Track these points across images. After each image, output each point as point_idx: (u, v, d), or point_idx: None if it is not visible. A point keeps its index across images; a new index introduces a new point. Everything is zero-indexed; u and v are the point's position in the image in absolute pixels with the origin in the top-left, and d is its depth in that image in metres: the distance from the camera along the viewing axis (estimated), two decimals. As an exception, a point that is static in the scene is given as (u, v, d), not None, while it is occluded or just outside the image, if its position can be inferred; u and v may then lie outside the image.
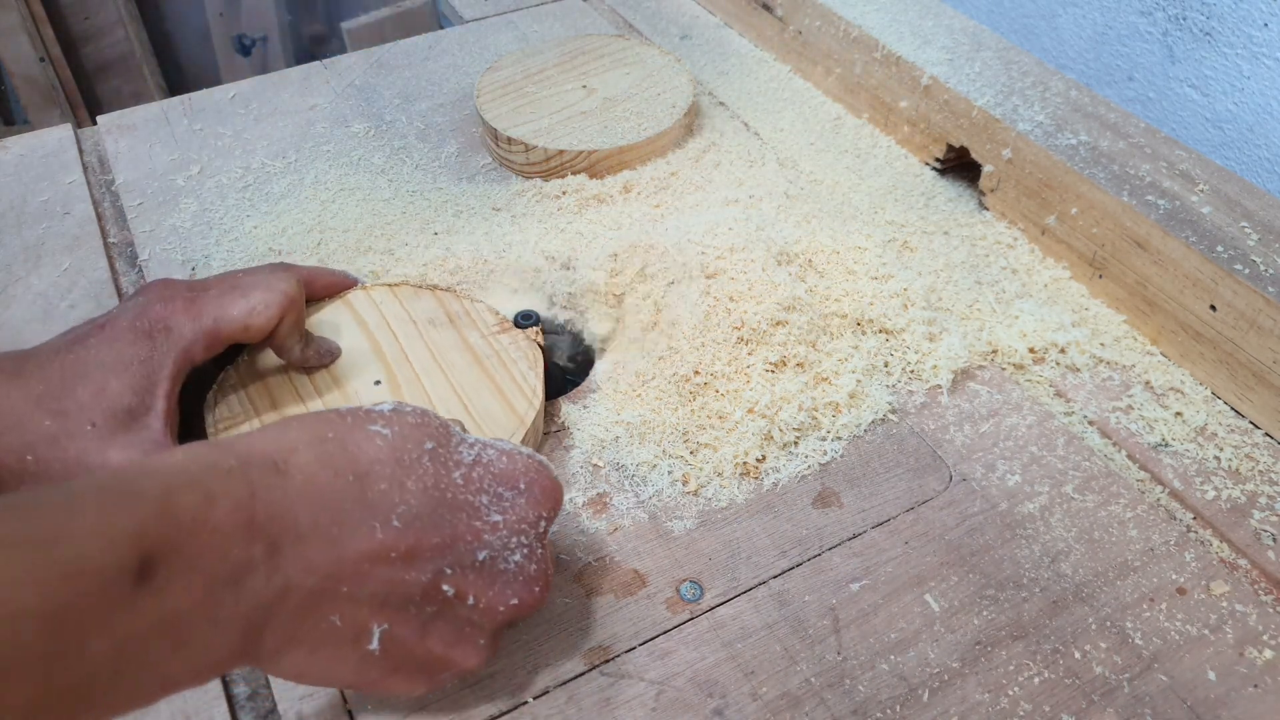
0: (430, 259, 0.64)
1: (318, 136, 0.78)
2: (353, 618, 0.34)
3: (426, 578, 0.36)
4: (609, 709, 0.43)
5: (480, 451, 0.39)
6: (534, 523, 0.39)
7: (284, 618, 0.33)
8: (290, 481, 0.33)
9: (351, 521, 0.34)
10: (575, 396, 0.57)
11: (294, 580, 0.33)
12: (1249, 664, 0.45)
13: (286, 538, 0.32)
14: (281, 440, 0.35)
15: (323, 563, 0.33)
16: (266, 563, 0.32)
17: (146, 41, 1.90)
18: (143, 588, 0.28)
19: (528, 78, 0.77)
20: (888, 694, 0.44)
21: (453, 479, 0.37)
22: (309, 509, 0.33)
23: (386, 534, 0.35)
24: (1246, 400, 0.56)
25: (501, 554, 0.38)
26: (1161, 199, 0.60)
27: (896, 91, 0.75)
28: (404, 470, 0.36)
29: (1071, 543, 0.50)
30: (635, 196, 0.71)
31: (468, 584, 0.37)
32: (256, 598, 0.32)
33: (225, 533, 0.31)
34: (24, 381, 0.45)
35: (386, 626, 0.35)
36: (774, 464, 0.53)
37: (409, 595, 0.35)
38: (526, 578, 0.39)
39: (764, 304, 0.55)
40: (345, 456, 0.35)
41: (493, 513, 0.38)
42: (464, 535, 0.37)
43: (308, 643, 0.34)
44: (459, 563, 0.37)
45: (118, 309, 0.49)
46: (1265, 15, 0.67)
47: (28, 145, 0.77)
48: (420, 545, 0.35)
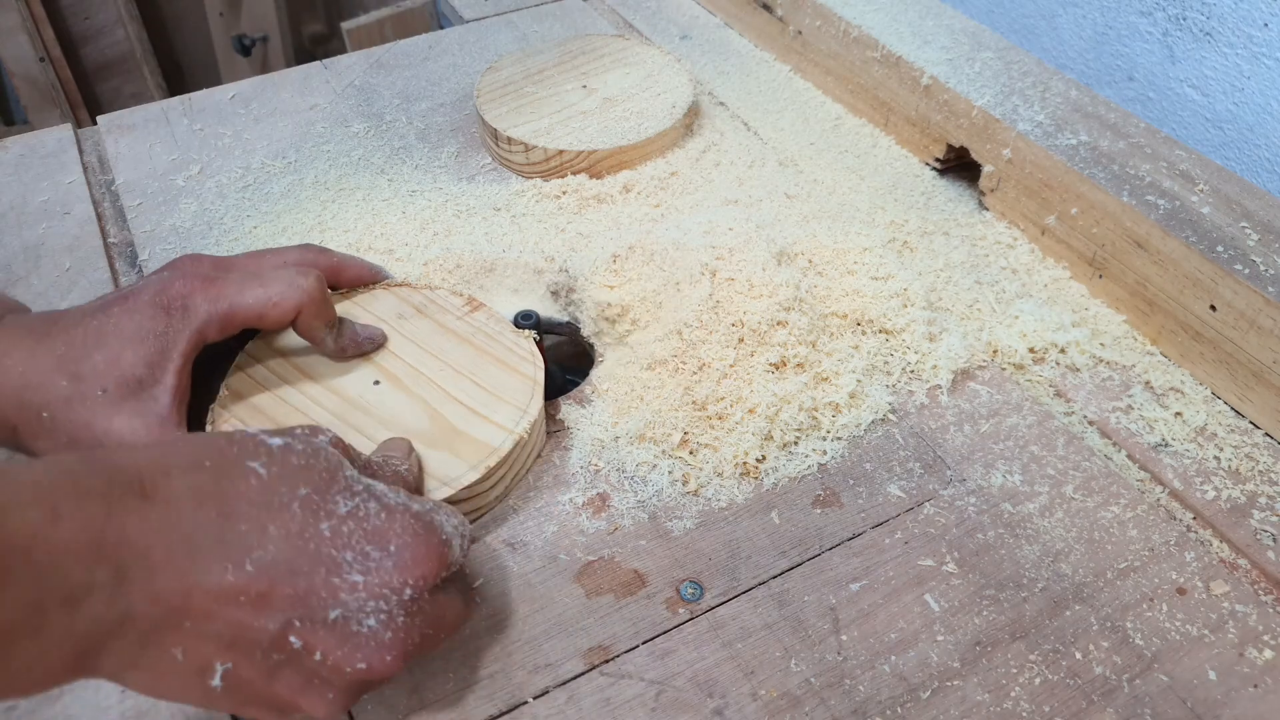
0: (430, 259, 0.64)
1: (318, 136, 0.78)
2: (195, 653, 0.34)
3: (275, 626, 0.35)
4: (609, 709, 0.43)
5: (360, 504, 0.38)
6: (397, 588, 0.37)
7: (124, 644, 0.32)
8: (152, 509, 0.33)
9: (205, 558, 0.34)
10: (575, 397, 0.57)
11: (137, 609, 0.32)
12: (1249, 664, 0.45)
13: (136, 565, 0.32)
14: (158, 461, 0.35)
15: (170, 596, 0.33)
16: (110, 587, 0.31)
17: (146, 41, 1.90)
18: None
19: (528, 78, 0.77)
20: (888, 694, 0.44)
21: (319, 530, 0.36)
22: (164, 540, 0.33)
23: (238, 576, 0.34)
24: (1246, 400, 0.56)
25: (356, 615, 0.36)
26: (1161, 199, 0.60)
27: (896, 91, 0.75)
28: (270, 514, 0.35)
29: (1071, 543, 0.50)
30: (635, 196, 0.71)
31: (316, 640, 0.35)
32: (95, 621, 0.31)
33: (66, 553, 0.30)
34: (50, 342, 0.47)
35: (230, 666, 0.34)
36: (774, 464, 0.53)
37: (255, 640, 0.35)
38: (379, 644, 0.37)
39: (764, 304, 0.55)
40: (215, 489, 0.35)
41: (354, 572, 0.36)
42: (319, 590, 0.36)
43: (150, 671, 0.34)
44: (309, 617, 0.35)
45: (144, 280, 0.50)
46: (1265, 15, 0.67)
47: (28, 145, 0.77)
48: (271, 593, 0.34)
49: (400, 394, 0.53)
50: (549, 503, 0.52)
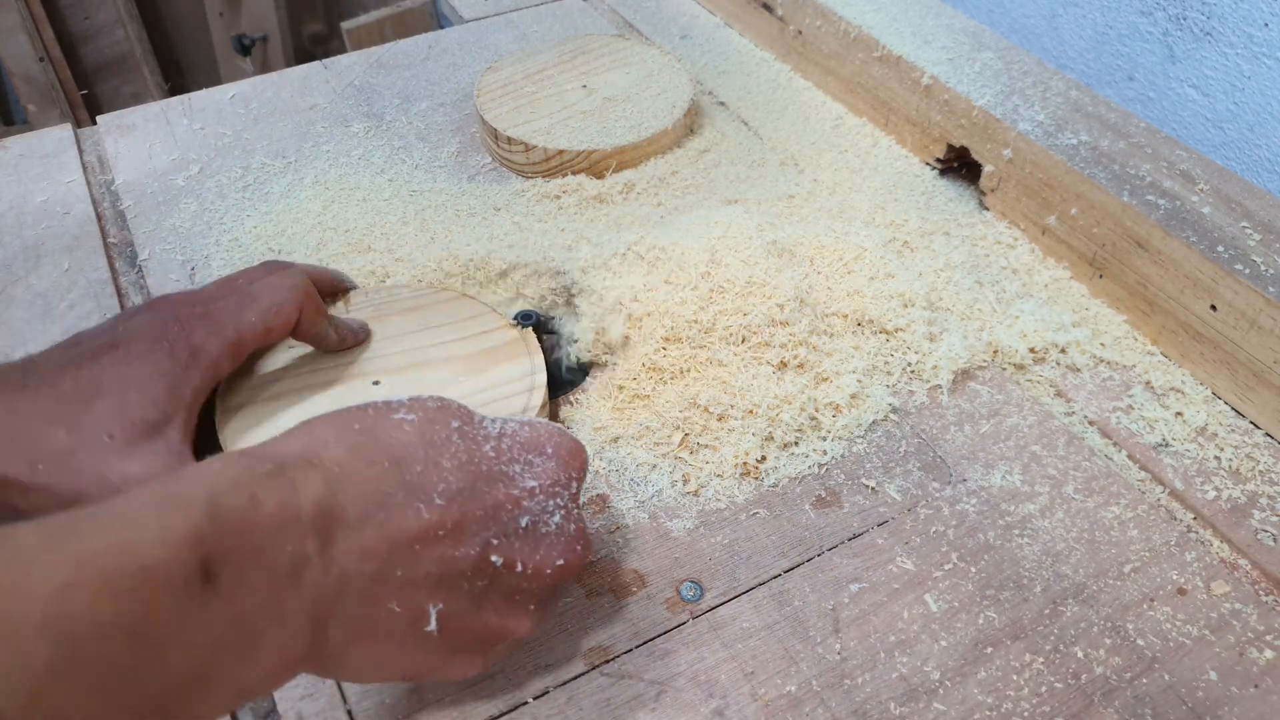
0: (430, 259, 0.64)
1: (318, 136, 0.78)
2: (410, 601, 0.35)
3: (475, 550, 0.36)
4: (609, 709, 0.43)
5: (503, 425, 0.40)
6: (566, 484, 0.40)
7: (346, 609, 0.33)
8: (329, 475, 0.34)
9: (396, 505, 0.35)
10: (575, 397, 0.57)
11: (350, 569, 0.33)
12: (1250, 664, 0.45)
13: (336, 528, 0.33)
14: (310, 439, 0.35)
15: (375, 548, 0.34)
16: (321, 555, 0.32)
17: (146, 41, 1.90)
18: (209, 592, 0.29)
19: (528, 78, 0.77)
20: (888, 694, 0.44)
21: (484, 452, 0.38)
22: (353, 498, 0.34)
23: (432, 512, 0.35)
24: (1247, 400, 0.56)
25: (542, 518, 0.39)
26: (1162, 199, 0.60)
27: (897, 91, 0.75)
28: (436, 450, 0.37)
29: (1072, 543, 0.50)
30: (635, 196, 0.71)
31: (514, 551, 0.38)
32: (317, 590, 0.32)
33: (275, 531, 0.31)
34: (32, 395, 0.46)
35: (441, 606, 0.36)
36: (774, 464, 0.53)
37: (460, 570, 0.36)
38: (568, 537, 0.40)
39: (764, 304, 0.55)
40: (376, 445, 0.36)
41: (527, 479, 0.39)
42: (504, 504, 0.38)
43: (371, 633, 0.34)
44: (503, 531, 0.37)
45: (126, 326, 0.49)
46: (1265, 15, 0.67)
47: (28, 145, 0.77)
48: (465, 519, 0.36)
49: (401, 393, 0.53)
50: (549, 503, 0.52)
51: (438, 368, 0.54)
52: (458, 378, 0.54)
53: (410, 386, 0.53)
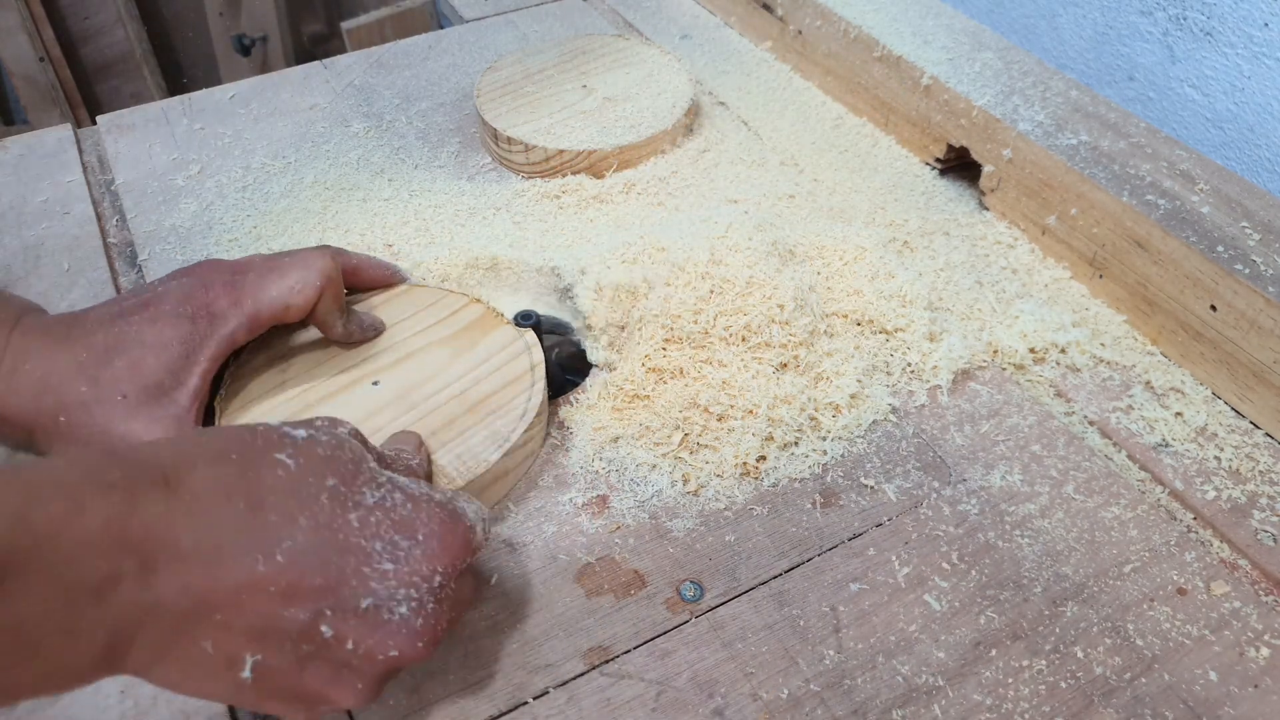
0: (430, 259, 0.64)
1: (318, 136, 0.78)
2: (225, 645, 0.34)
3: (305, 617, 0.35)
4: (609, 709, 0.43)
5: (387, 494, 0.38)
6: (427, 576, 0.38)
7: (154, 635, 0.32)
8: (177, 500, 0.33)
9: (234, 550, 0.33)
10: (575, 397, 0.57)
11: (165, 600, 0.32)
12: (1250, 664, 0.45)
13: (162, 557, 0.32)
14: (180, 453, 0.35)
15: (199, 587, 0.33)
16: (137, 579, 0.31)
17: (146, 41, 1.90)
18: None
19: (528, 78, 0.77)
20: (888, 694, 0.44)
21: (348, 520, 0.36)
22: (191, 531, 0.33)
23: (268, 567, 0.34)
24: (1247, 400, 0.56)
25: (387, 603, 0.37)
26: (1162, 199, 0.60)
27: (897, 91, 0.75)
28: (299, 504, 0.35)
29: (1072, 543, 0.50)
30: (635, 196, 0.71)
31: (348, 629, 0.36)
32: (122, 612, 0.31)
33: (91, 544, 0.30)
34: (70, 346, 0.47)
35: (260, 658, 0.34)
36: (774, 464, 0.53)
37: (285, 632, 0.34)
38: (410, 631, 0.37)
39: (764, 304, 0.55)
40: (242, 481, 0.35)
41: (384, 561, 0.37)
42: (349, 579, 0.36)
43: (178, 662, 0.33)
44: (340, 607, 0.35)
45: (164, 287, 0.51)
46: (1265, 15, 0.67)
47: (28, 145, 0.77)
48: (301, 584, 0.34)
49: (401, 392, 0.53)
50: (549, 503, 0.52)
51: (438, 367, 0.55)
52: (458, 378, 0.54)
53: (409, 388, 0.53)
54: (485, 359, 0.55)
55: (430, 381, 0.54)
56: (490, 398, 0.53)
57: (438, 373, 0.54)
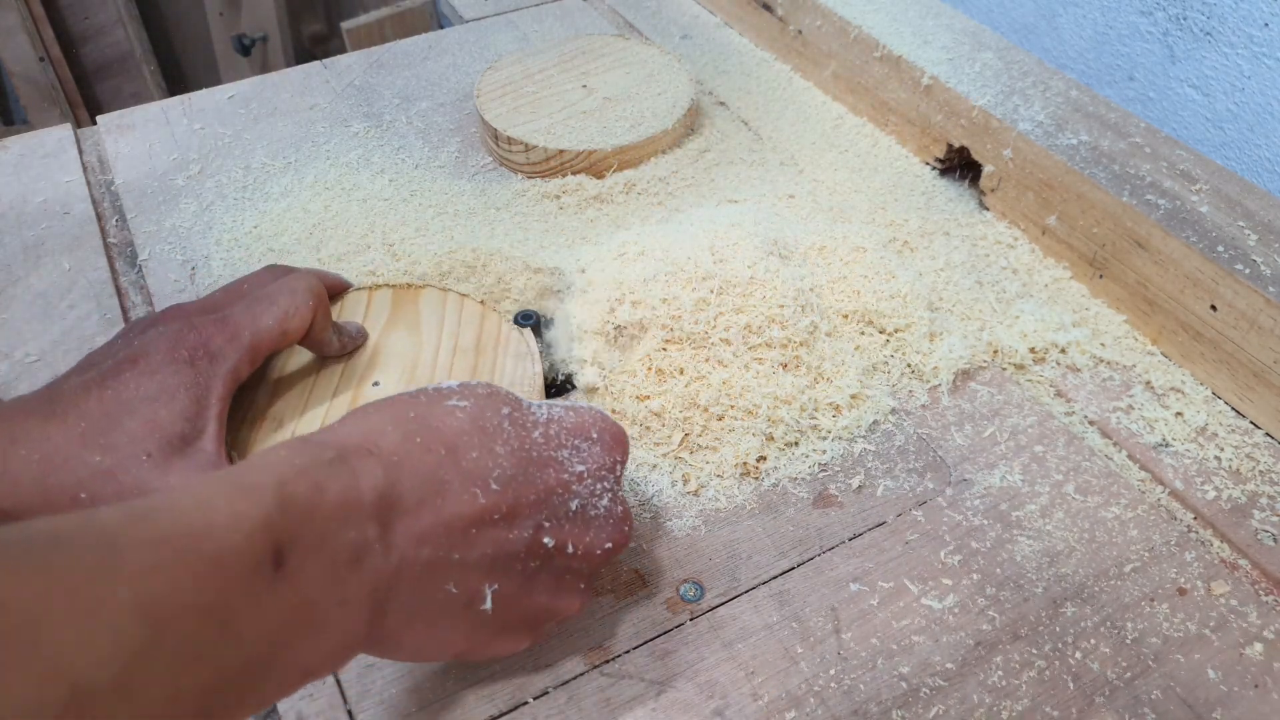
0: (430, 259, 0.64)
1: (318, 136, 0.78)
2: (466, 582, 0.36)
3: (528, 533, 0.38)
4: (609, 709, 0.43)
5: (550, 410, 0.41)
6: (611, 468, 0.42)
7: (404, 591, 0.34)
8: (387, 462, 0.35)
9: (453, 491, 0.36)
10: (574, 397, 0.57)
11: (409, 554, 0.34)
12: (1250, 664, 0.45)
13: (395, 514, 0.34)
14: (367, 426, 0.36)
15: (433, 532, 0.35)
16: (381, 541, 0.33)
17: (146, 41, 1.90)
18: (279, 576, 0.30)
19: (528, 78, 0.77)
20: (888, 694, 0.44)
21: (534, 438, 0.39)
22: (410, 485, 0.35)
23: (488, 498, 0.36)
24: (1247, 400, 0.56)
25: (590, 501, 0.40)
26: (1162, 199, 0.60)
27: (897, 91, 0.75)
28: (489, 437, 0.38)
29: (1072, 543, 0.50)
30: (635, 196, 0.71)
31: (565, 534, 0.39)
32: (377, 575, 0.33)
33: (338, 518, 0.32)
34: (62, 421, 0.45)
35: (497, 586, 0.37)
36: (774, 464, 0.53)
37: (514, 552, 0.37)
38: (615, 519, 0.41)
39: (764, 304, 0.55)
40: (431, 432, 0.37)
41: (576, 464, 0.40)
42: (555, 488, 0.39)
43: (427, 614, 0.35)
44: (555, 515, 0.39)
45: (142, 340, 0.48)
46: (1265, 15, 0.67)
47: (28, 145, 0.77)
48: (519, 504, 0.37)
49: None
50: (549, 503, 0.52)
51: (438, 368, 0.54)
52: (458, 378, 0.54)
53: (405, 379, 0.53)
54: (485, 359, 0.55)
55: (430, 382, 0.54)
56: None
57: (438, 373, 0.54)
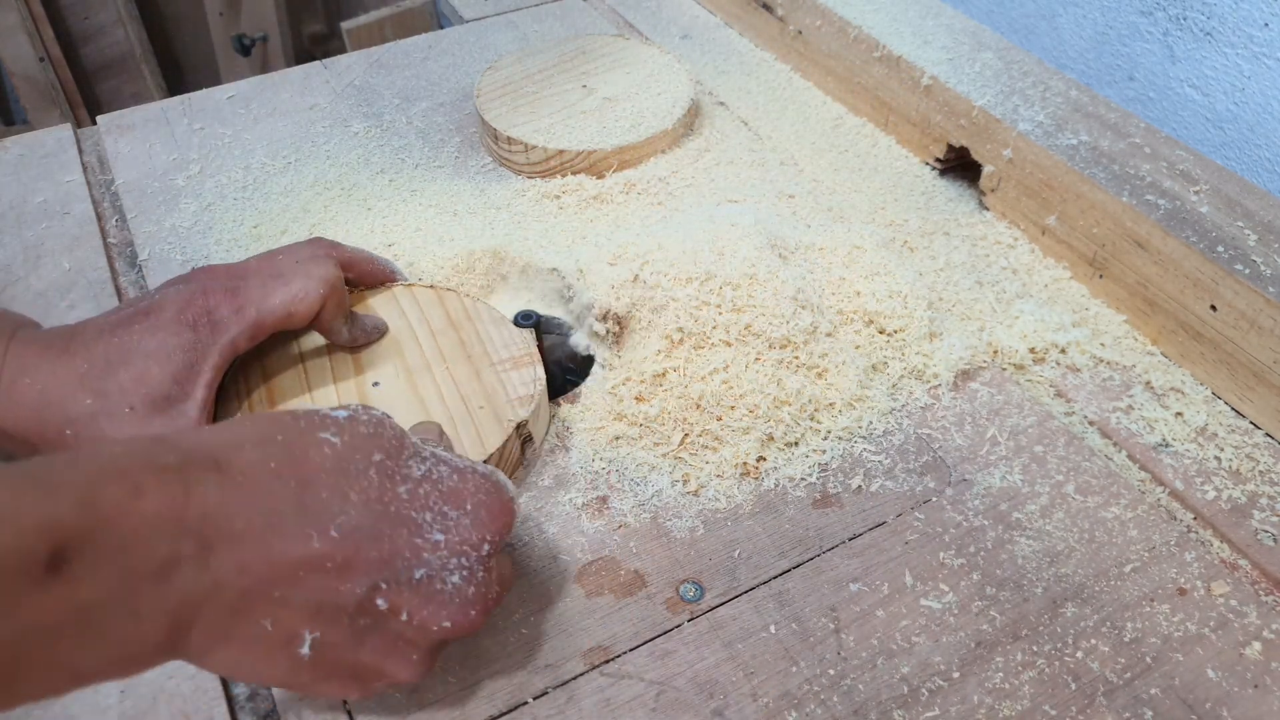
0: (430, 259, 0.64)
1: (317, 136, 0.78)
2: (284, 622, 0.34)
3: (361, 590, 0.35)
4: (609, 709, 0.43)
5: (431, 468, 0.39)
6: (476, 545, 0.39)
7: (214, 616, 0.33)
8: (229, 480, 0.33)
9: (288, 527, 0.34)
10: (575, 397, 0.57)
11: (225, 579, 0.32)
12: (1250, 664, 0.45)
13: (219, 537, 0.32)
14: (228, 437, 0.35)
15: (256, 565, 0.33)
16: (196, 560, 0.32)
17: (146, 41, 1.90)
18: (53, 578, 0.28)
19: (528, 78, 0.77)
20: (888, 694, 0.44)
21: (398, 493, 0.37)
22: (245, 510, 0.33)
23: (323, 543, 0.34)
24: (1247, 400, 0.56)
25: (440, 574, 0.37)
26: (1162, 199, 0.60)
27: (897, 91, 0.75)
28: (348, 480, 0.36)
29: (1072, 543, 0.50)
30: (635, 196, 0.71)
31: (402, 600, 0.36)
32: (184, 594, 0.32)
33: (151, 526, 0.31)
34: (70, 358, 0.47)
35: (319, 635, 0.35)
36: (774, 464, 0.53)
37: (342, 606, 0.35)
38: (463, 600, 0.38)
39: (764, 303, 0.55)
40: (290, 460, 0.35)
41: (435, 531, 0.38)
42: (402, 551, 0.36)
43: (238, 642, 0.34)
44: (395, 579, 0.36)
45: (162, 295, 0.50)
46: (1265, 15, 0.67)
47: (28, 145, 0.77)
48: (356, 557, 0.35)
49: (401, 393, 0.53)
50: (549, 503, 0.52)
51: (437, 367, 0.54)
52: (457, 378, 0.54)
53: (409, 388, 0.53)
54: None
55: (430, 382, 0.54)
56: (491, 398, 0.53)
57: (438, 373, 0.54)
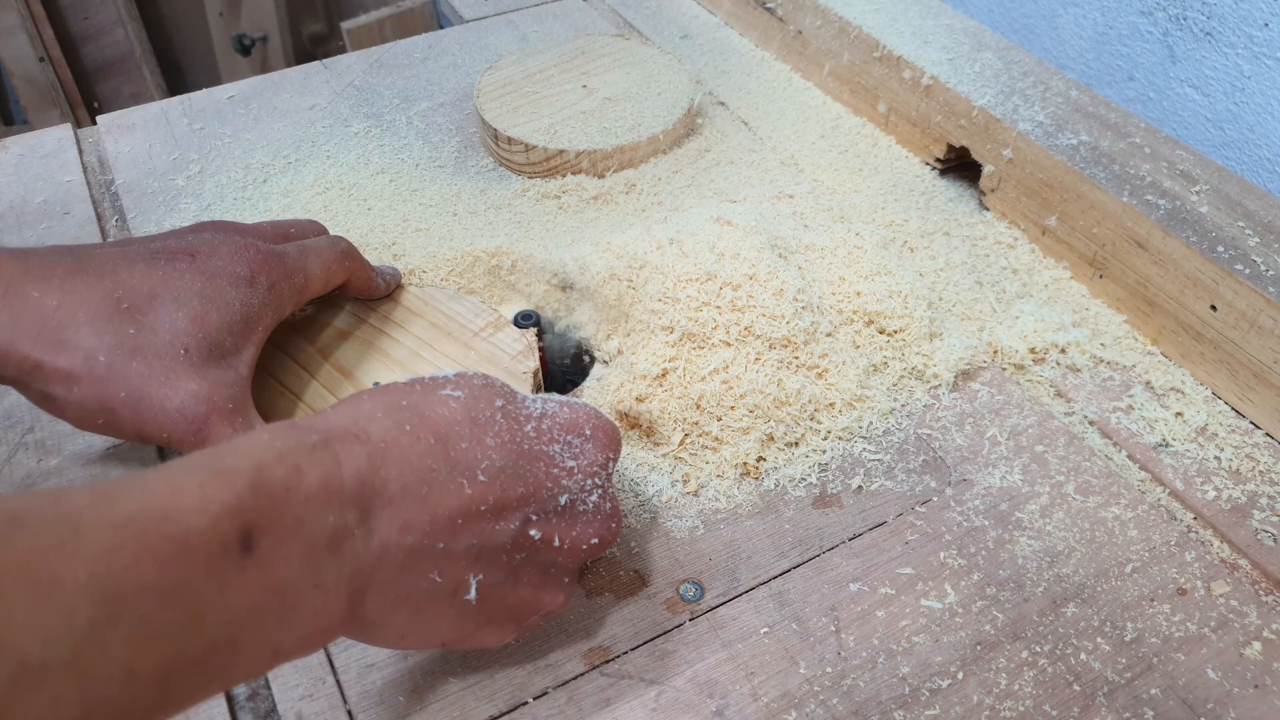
0: (430, 259, 0.64)
1: (318, 136, 0.78)
2: (450, 572, 0.36)
3: (515, 526, 0.37)
4: (609, 709, 0.43)
5: (544, 405, 0.41)
6: (603, 464, 0.41)
7: (386, 578, 0.34)
8: (373, 449, 0.34)
9: (440, 480, 0.35)
10: (575, 397, 0.57)
11: (391, 541, 0.34)
12: (1250, 664, 0.45)
13: (378, 502, 0.34)
14: (357, 412, 0.36)
15: (417, 521, 0.34)
16: (361, 527, 0.33)
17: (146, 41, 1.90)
18: (248, 559, 0.29)
19: (528, 78, 0.77)
20: (888, 694, 0.44)
21: (526, 432, 0.39)
22: (396, 473, 0.34)
23: (474, 489, 0.36)
24: (1247, 400, 0.56)
25: (580, 496, 0.40)
26: (1162, 199, 0.60)
27: (897, 91, 0.75)
28: (481, 428, 0.38)
29: (1072, 543, 0.50)
30: (635, 196, 0.71)
31: (552, 528, 0.39)
32: (357, 561, 0.33)
33: (317, 502, 0.32)
34: (94, 279, 0.44)
35: (482, 577, 0.37)
36: (774, 464, 0.53)
37: (500, 544, 0.37)
38: (603, 516, 0.41)
39: (764, 304, 0.55)
40: (422, 421, 0.36)
41: (567, 459, 0.40)
42: (544, 483, 0.39)
43: (410, 602, 0.35)
44: (543, 509, 0.39)
45: (203, 241, 0.49)
46: (1266, 15, 0.67)
47: (28, 145, 0.77)
48: (506, 497, 0.37)
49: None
50: (549, 503, 0.52)
51: (436, 368, 0.55)
52: (454, 359, 0.54)
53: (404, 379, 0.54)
54: (486, 360, 0.55)
55: (428, 367, 0.54)
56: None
57: (430, 356, 0.54)
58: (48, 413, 0.46)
